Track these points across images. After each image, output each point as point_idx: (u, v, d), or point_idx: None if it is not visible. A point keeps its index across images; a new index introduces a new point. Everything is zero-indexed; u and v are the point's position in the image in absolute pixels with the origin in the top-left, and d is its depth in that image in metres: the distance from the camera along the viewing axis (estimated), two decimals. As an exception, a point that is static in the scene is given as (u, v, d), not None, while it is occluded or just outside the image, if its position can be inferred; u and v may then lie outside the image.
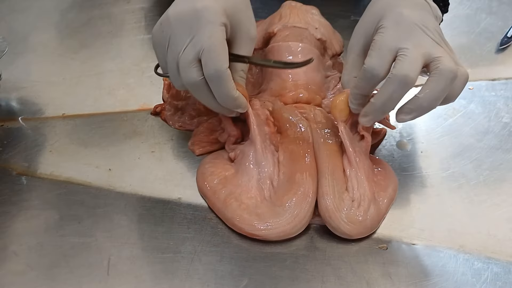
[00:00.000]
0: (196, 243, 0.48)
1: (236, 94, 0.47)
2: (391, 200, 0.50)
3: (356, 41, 0.49)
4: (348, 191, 0.48)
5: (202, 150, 0.56)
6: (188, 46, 0.45)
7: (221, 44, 0.45)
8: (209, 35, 0.44)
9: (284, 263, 0.46)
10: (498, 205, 0.51)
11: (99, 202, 0.51)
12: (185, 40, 0.45)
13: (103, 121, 0.59)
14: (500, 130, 0.58)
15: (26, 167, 0.55)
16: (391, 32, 0.44)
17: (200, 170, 0.53)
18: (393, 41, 0.44)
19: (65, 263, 0.47)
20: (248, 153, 0.51)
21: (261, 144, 0.50)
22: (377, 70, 0.44)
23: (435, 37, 0.44)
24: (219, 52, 0.44)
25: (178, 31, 0.45)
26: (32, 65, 0.66)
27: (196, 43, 0.44)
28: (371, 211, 0.48)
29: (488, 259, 0.47)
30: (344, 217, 0.47)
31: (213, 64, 0.44)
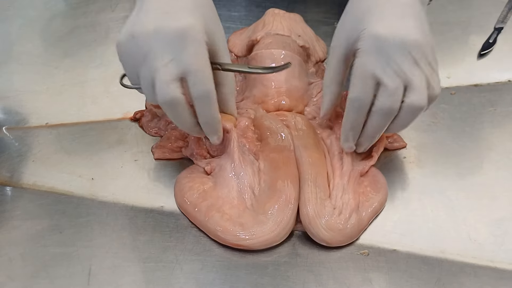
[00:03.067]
0: (178, 252, 0.48)
1: (219, 116, 0.47)
2: (375, 212, 0.50)
3: (338, 44, 0.48)
4: (331, 199, 0.49)
5: (160, 155, 0.56)
6: (170, 64, 0.43)
7: (207, 64, 0.44)
8: (196, 55, 0.44)
9: (265, 270, 0.46)
10: (479, 209, 0.51)
11: (81, 211, 0.51)
12: (166, 57, 0.43)
13: (86, 130, 0.59)
14: (482, 134, 0.58)
15: (8, 177, 0.55)
16: (371, 58, 0.44)
17: (178, 186, 0.52)
18: (373, 69, 0.44)
19: (46, 273, 0.46)
20: (225, 166, 0.51)
21: (239, 158, 0.50)
22: (362, 97, 0.45)
23: (415, 57, 0.44)
24: (206, 73, 0.44)
25: (158, 47, 0.43)
26: (15, 74, 0.66)
27: (180, 62, 0.43)
28: (352, 220, 0.48)
29: (469, 263, 0.47)
30: (324, 224, 0.47)
31: (201, 85, 0.44)
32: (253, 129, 0.54)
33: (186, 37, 0.43)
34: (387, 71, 0.44)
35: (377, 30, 0.44)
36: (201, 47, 0.44)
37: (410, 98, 0.44)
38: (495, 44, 0.67)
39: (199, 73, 0.44)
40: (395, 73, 0.44)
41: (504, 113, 0.60)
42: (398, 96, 0.44)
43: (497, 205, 0.51)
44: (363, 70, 0.44)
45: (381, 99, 0.45)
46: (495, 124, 0.59)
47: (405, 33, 0.43)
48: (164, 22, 0.43)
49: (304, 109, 0.58)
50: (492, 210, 0.51)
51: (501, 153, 0.56)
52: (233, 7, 0.74)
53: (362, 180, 0.52)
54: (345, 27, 0.48)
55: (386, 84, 0.44)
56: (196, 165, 0.54)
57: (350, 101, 0.46)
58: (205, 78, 0.44)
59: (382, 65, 0.44)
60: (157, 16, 0.44)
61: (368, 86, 0.45)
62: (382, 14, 0.45)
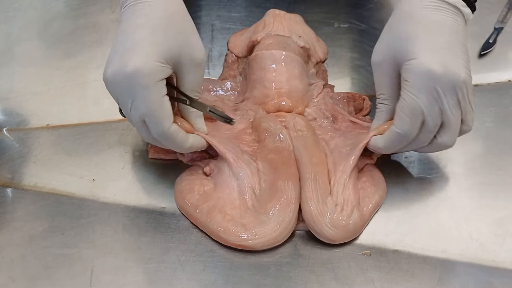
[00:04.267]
0: (179, 252, 0.48)
1: (188, 145, 0.48)
2: (376, 206, 0.51)
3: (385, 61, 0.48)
4: (332, 196, 0.49)
5: (155, 155, 0.56)
6: (131, 110, 0.45)
7: (159, 106, 0.44)
8: (145, 100, 0.44)
9: (267, 271, 0.46)
10: (480, 208, 0.51)
11: (83, 212, 0.51)
12: (127, 102, 0.45)
13: (87, 131, 0.59)
14: (483, 134, 0.58)
15: (9, 179, 0.55)
16: (422, 97, 0.44)
17: (178, 189, 0.52)
18: (423, 107, 0.44)
19: (48, 275, 0.46)
20: (222, 168, 0.51)
21: (234, 158, 0.50)
22: (410, 133, 0.46)
23: (459, 96, 0.44)
24: (157, 115, 0.45)
25: (118, 94, 0.45)
26: (16, 75, 0.66)
27: (136, 108, 0.45)
28: (354, 216, 0.48)
29: (471, 263, 0.47)
30: (327, 222, 0.47)
31: (156, 127, 0.45)
32: (249, 132, 0.54)
33: (135, 82, 0.43)
34: (433, 109, 0.44)
35: (430, 65, 0.43)
36: (148, 90, 0.44)
37: (442, 138, 0.46)
38: (495, 44, 0.67)
39: (150, 117, 0.45)
40: (439, 113, 0.45)
41: (504, 113, 0.60)
42: (433, 133, 0.46)
43: (499, 205, 0.52)
44: (413, 108, 0.44)
45: (420, 135, 0.46)
46: (495, 124, 0.59)
47: (456, 72, 0.44)
48: (118, 67, 0.44)
49: (304, 110, 0.58)
50: (494, 210, 0.51)
51: (502, 153, 0.56)
52: (233, 8, 0.74)
53: (360, 176, 0.52)
54: (391, 44, 0.47)
55: (428, 122, 0.45)
56: (195, 167, 0.54)
57: (398, 136, 0.47)
58: (156, 122, 0.45)
59: (430, 103, 0.44)
60: (116, 58, 0.44)
61: (417, 123, 0.45)
62: (433, 43, 0.44)
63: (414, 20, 0.46)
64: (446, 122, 0.45)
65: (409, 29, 0.46)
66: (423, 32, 0.45)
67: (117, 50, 0.45)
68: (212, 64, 0.67)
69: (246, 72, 0.61)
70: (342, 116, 0.57)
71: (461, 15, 0.46)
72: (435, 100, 0.44)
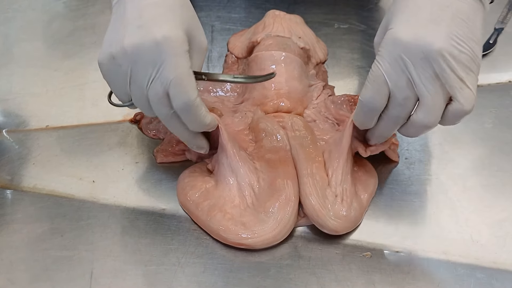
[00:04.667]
0: (179, 254, 0.48)
1: (208, 121, 0.46)
2: (371, 194, 0.52)
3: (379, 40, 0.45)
4: (331, 187, 0.49)
5: (164, 159, 0.56)
6: (154, 80, 0.42)
7: (187, 75, 0.43)
8: (175, 67, 0.42)
9: (268, 272, 0.46)
10: (480, 210, 0.51)
11: (82, 214, 0.51)
12: (150, 73, 0.42)
13: (86, 133, 0.59)
14: (483, 135, 0.58)
15: (9, 180, 0.55)
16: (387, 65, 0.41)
17: (180, 185, 0.52)
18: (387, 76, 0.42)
19: (47, 277, 0.46)
20: (222, 161, 0.51)
21: (233, 150, 0.50)
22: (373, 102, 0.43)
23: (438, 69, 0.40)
24: (186, 84, 0.43)
25: (140, 64, 0.42)
26: (15, 76, 0.66)
27: (162, 77, 0.42)
28: (354, 205, 0.49)
29: (472, 265, 0.47)
30: (331, 214, 0.47)
31: (182, 97, 0.43)
32: (247, 132, 0.54)
33: (164, 49, 0.42)
34: (399, 80, 0.41)
35: (399, 33, 0.40)
36: (180, 59, 0.42)
37: (417, 115, 0.42)
38: (496, 45, 0.67)
39: (177, 86, 0.42)
40: (407, 84, 0.41)
41: (505, 114, 0.60)
42: (407, 108, 0.42)
43: (499, 206, 0.51)
44: (376, 75, 0.42)
45: (390, 108, 0.43)
46: (496, 125, 0.59)
47: (430, 41, 0.39)
48: (140, 38, 0.42)
49: (303, 111, 0.58)
50: (494, 211, 0.51)
51: (502, 154, 0.56)
52: (233, 8, 0.74)
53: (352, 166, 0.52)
54: (384, 23, 0.45)
55: (395, 94, 0.42)
56: (199, 164, 0.54)
57: (361, 104, 0.44)
58: (183, 91, 0.43)
59: (396, 72, 0.41)
60: (133, 32, 0.42)
61: (380, 92, 0.42)
62: (412, 14, 0.41)
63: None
64: (420, 97, 0.41)
65: (399, 5, 0.42)
66: (409, 5, 0.42)
67: (131, 26, 0.43)
68: (212, 65, 0.67)
69: (246, 73, 0.61)
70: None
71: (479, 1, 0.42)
72: (401, 70, 0.41)
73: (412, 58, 0.40)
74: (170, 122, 0.46)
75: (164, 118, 0.45)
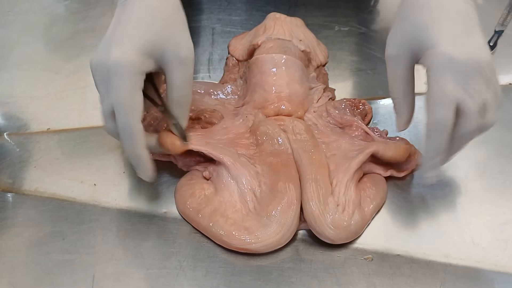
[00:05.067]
0: (181, 258, 0.48)
1: (143, 153, 0.47)
2: (376, 207, 0.51)
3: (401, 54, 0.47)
4: (334, 196, 0.49)
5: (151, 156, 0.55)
6: (104, 97, 0.45)
7: (129, 98, 0.44)
8: (118, 89, 0.44)
9: (269, 276, 0.46)
10: (481, 213, 0.51)
11: (84, 217, 0.51)
12: (103, 91, 0.45)
13: (88, 135, 0.59)
14: (484, 138, 0.58)
15: (10, 184, 0.55)
16: (449, 82, 0.43)
17: (179, 193, 0.52)
18: (453, 93, 0.43)
19: (49, 281, 0.46)
20: (221, 172, 0.51)
21: (231, 161, 0.50)
22: (444, 121, 0.44)
23: (488, 75, 0.44)
24: (126, 107, 0.44)
25: (97, 81, 0.46)
26: (16, 79, 0.66)
27: (108, 97, 0.45)
28: (356, 217, 0.48)
29: (473, 268, 0.47)
30: (329, 222, 0.47)
31: (121, 119, 0.45)
32: (248, 135, 0.54)
33: (111, 73, 0.44)
34: (468, 93, 0.43)
35: (450, 51, 0.43)
36: (123, 81, 0.44)
37: (488, 118, 0.45)
38: (496, 47, 0.67)
39: (120, 106, 0.44)
40: (476, 94, 0.43)
41: (505, 116, 0.60)
42: (477, 121, 0.44)
43: (500, 210, 0.51)
44: (442, 93, 0.43)
45: (466, 123, 0.44)
46: (497, 128, 0.59)
47: (479, 54, 0.44)
48: (101, 57, 0.45)
49: (304, 114, 0.58)
50: (496, 215, 0.51)
51: (503, 157, 0.56)
52: (234, 11, 0.74)
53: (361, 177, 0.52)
54: (406, 34, 0.46)
55: (469, 108, 0.43)
56: (194, 172, 0.54)
57: (433, 126, 0.44)
58: (125, 112, 0.44)
59: (463, 88, 0.43)
60: (100, 49, 0.46)
61: (450, 110, 0.44)
62: (450, 29, 0.44)
63: (430, 7, 0.45)
64: (485, 102, 0.44)
65: (426, 16, 0.45)
66: (441, 19, 0.45)
67: (104, 42, 0.46)
68: (213, 68, 0.67)
69: (246, 76, 0.61)
70: (357, 125, 0.56)
71: None
72: (467, 85, 0.43)
73: (470, 73, 0.43)
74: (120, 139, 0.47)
75: (112, 135, 0.48)
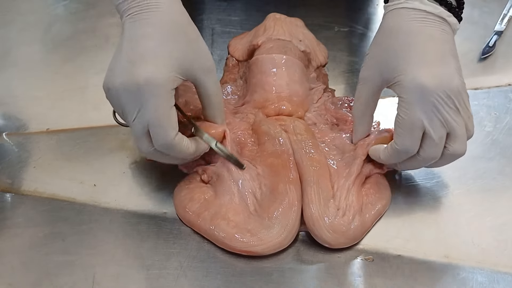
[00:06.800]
0: (182, 258, 0.48)
1: (192, 150, 0.47)
2: (378, 214, 0.50)
3: (371, 78, 0.48)
4: (335, 199, 0.49)
5: None
6: (136, 119, 0.45)
7: (166, 116, 0.44)
8: (154, 109, 0.44)
9: (270, 277, 0.46)
10: (481, 214, 0.51)
11: (84, 218, 0.51)
12: (133, 111, 0.45)
13: (87, 136, 0.59)
14: (483, 139, 0.58)
15: (9, 184, 0.55)
16: (417, 110, 0.44)
17: (177, 198, 0.52)
18: (420, 120, 0.44)
19: (49, 281, 0.46)
20: (222, 174, 0.51)
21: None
22: (411, 149, 0.46)
23: (457, 105, 0.44)
24: (164, 125, 0.44)
25: (125, 103, 0.45)
26: (15, 79, 0.65)
27: (142, 117, 0.44)
28: (356, 222, 0.48)
29: (473, 268, 0.47)
30: (327, 226, 0.47)
31: (160, 137, 0.45)
32: (250, 133, 0.54)
33: (143, 93, 0.43)
34: (433, 122, 0.44)
35: (421, 79, 0.43)
36: (158, 99, 0.44)
37: (453, 147, 0.46)
38: (495, 48, 0.68)
39: (156, 127, 0.44)
40: (440, 124, 0.44)
41: (505, 117, 0.60)
42: (441, 146, 0.46)
43: (500, 210, 0.52)
44: (411, 122, 0.44)
45: (427, 149, 0.46)
46: (496, 129, 0.59)
47: (449, 81, 0.44)
48: (127, 75, 0.44)
49: (304, 114, 0.58)
50: (495, 215, 0.51)
51: (503, 158, 0.56)
52: (233, 11, 0.74)
53: (365, 181, 0.52)
54: (379, 60, 0.47)
55: (432, 136, 0.45)
56: (193, 175, 0.53)
57: (398, 152, 0.47)
58: (162, 132, 0.44)
59: (429, 116, 0.44)
60: (123, 67, 0.45)
61: (416, 138, 0.45)
62: (423, 56, 0.44)
63: (401, 33, 0.46)
64: (452, 131, 0.45)
65: (396, 43, 0.46)
66: (412, 46, 0.45)
67: (124, 59, 0.45)
68: (213, 68, 0.67)
69: (246, 76, 0.61)
70: (351, 120, 0.56)
71: (448, 24, 0.46)
72: (433, 113, 0.44)
73: (440, 100, 0.44)
74: (154, 156, 0.48)
75: (147, 154, 0.48)
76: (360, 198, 0.50)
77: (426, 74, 0.44)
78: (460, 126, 0.45)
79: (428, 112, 0.44)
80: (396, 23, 0.46)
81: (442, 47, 0.45)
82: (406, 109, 0.45)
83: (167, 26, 0.45)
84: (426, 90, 0.43)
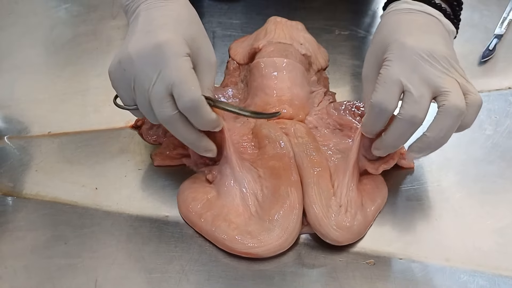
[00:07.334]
0: (183, 262, 0.48)
1: (215, 117, 0.47)
2: (378, 208, 0.51)
3: (369, 71, 0.49)
4: (336, 197, 0.49)
5: (161, 162, 0.56)
6: (156, 82, 0.44)
7: (190, 74, 0.44)
8: (177, 67, 0.43)
9: (272, 280, 0.46)
10: (482, 217, 0.51)
11: (86, 221, 0.51)
12: (152, 76, 0.44)
13: (89, 139, 0.59)
14: (484, 142, 0.58)
15: (11, 187, 0.55)
16: (396, 65, 0.44)
17: (181, 197, 0.52)
18: (398, 75, 0.44)
19: (51, 285, 0.46)
20: (225, 173, 0.51)
21: (237, 162, 0.50)
22: (385, 104, 0.44)
23: (443, 66, 0.44)
24: (190, 82, 0.44)
25: (143, 68, 0.44)
26: (16, 82, 0.65)
27: (164, 78, 0.43)
28: (358, 217, 0.48)
29: (474, 271, 0.47)
30: (333, 224, 0.47)
31: (187, 95, 0.43)
32: (249, 138, 0.55)
33: (165, 51, 0.44)
34: (412, 78, 0.43)
35: (404, 40, 0.45)
36: (181, 59, 0.44)
37: (449, 101, 0.43)
38: (495, 51, 0.68)
39: (182, 85, 0.43)
40: (420, 81, 0.43)
41: (505, 120, 0.60)
42: (423, 105, 0.43)
43: (500, 213, 0.52)
44: (386, 75, 0.44)
45: (406, 106, 0.44)
46: (497, 132, 0.59)
47: (432, 45, 0.44)
48: (144, 42, 0.44)
49: (305, 117, 0.58)
50: (496, 219, 0.51)
51: (503, 161, 0.56)
52: (234, 14, 0.74)
53: (361, 178, 0.53)
54: (374, 55, 0.48)
55: (411, 91, 0.43)
56: (198, 175, 0.54)
57: (372, 106, 0.45)
58: (188, 89, 0.43)
59: (407, 72, 0.44)
60: (139, 38, 0.45)
61: (391, 91, 0.44)
62: (410, 28, 0.46)
63: (398, 21, 0.47)
64: (440, 87, 0.43)
65: (392, 27, 0.47)
66: (405, 24, 0.47)
67: (139, 32, 0.45)
68: (213, 71, 0.67)
69: (247, 79, 0.62)
70: (356, 126, 0.56)
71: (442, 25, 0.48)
72: (412, 69, 0.43)
73: (421, 57, 0.44)
74: (173, 124, 0.46)
75: (167, 120, 0.45)
76: (359, 194, 0.50)
77: (410, 38, 0.45)
78: (449, 82, 0.43)
79: (405, 68, 0.44)
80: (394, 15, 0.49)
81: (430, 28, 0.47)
82: (386, 65, 0.45)
83: (184, 12, 0.47)
84: (406, 48, 0.44)
